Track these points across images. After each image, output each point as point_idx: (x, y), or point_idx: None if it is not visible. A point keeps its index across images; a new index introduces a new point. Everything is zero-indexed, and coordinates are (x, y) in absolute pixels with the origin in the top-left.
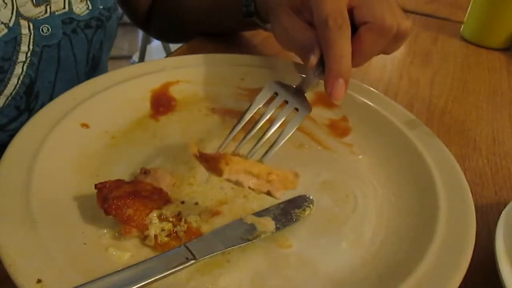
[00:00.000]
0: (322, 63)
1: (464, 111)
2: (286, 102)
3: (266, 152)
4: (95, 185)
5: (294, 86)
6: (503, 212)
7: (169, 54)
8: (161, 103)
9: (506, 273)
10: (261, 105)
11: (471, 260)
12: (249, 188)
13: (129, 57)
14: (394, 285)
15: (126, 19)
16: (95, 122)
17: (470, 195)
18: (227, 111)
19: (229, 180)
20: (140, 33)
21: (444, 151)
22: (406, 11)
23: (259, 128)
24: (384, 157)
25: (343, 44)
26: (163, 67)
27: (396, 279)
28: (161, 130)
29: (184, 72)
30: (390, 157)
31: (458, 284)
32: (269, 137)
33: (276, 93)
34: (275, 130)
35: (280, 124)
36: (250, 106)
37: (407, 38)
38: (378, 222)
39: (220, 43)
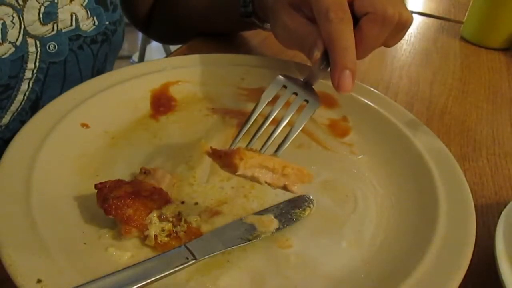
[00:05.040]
0: (326, 57)
1: (464, 111)
2: (296, 94)
3: (280, 145)
4: (95, 185)
5: (302, 79)
6: (503, 212)
7: (169, 54)
8: (161, 103)
9: (506, 273)
10: (270, 99)
11: (471, 260)
12: (265, 183)
13: (129, 57)
14: (394, 285)
15: (125, 19)
16: (95, 122)
17: (470, 195)
18: (227, 111)
19: (244, 176)
20: (140, 33)
21: (444, 151)
22: None
23: (266, 121)
24: (384, 157)
25: (346, 37)
26: (163, 67)
27: (396, 279)
28: (161, 130)
29: (184, 72)
30: (390, 157)
31: (458, 284)
32: (278, 131)
33: (285, 86)
34: (284, 124)
35: (291, 117)
36: (259, 100)
37: (408, 28)
38: (378, 222)
39: (220, 43)
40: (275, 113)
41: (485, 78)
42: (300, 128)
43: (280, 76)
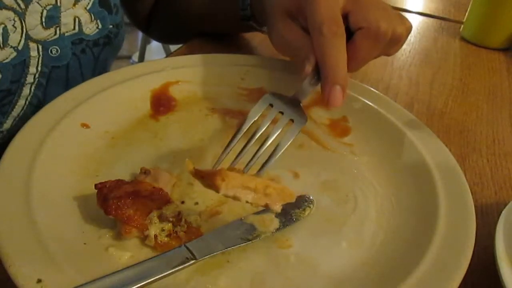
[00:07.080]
0: (317, 71)
1: (464, 111)
2: (282, 113)
3: (262, 165)
4: (95, 185)
5: (290, 96)
6: (503, 212)
7: (169, 54)
8: (161, 103)
9: (506, 273)
10: (256, 117)
11: (471, 260)
12: (247, 202)
13: (129, 57)
14: (394, 285)
15: (125, 19)
16: (95, 122)
17: (470, 195)
18: (227, 111)
19: (226, 196)
20: (140, 33)
21: (444, 151)
22: (406, 10)
23: (251, 140)
24: (384, 157)
25: (338, 52)
26: (163, 67)
27: (396, 279)
28: (161, 130)
29: (184, 72)
30: (390, 157)
31: (458, 284)
32: (264, 150)
33: (271, 105)
34: (270, 142)
35: (276, 136)
36: (245, 119)
37: (403, 42)
38: (378, 222)
39: (220, 43)
40: (260, 133)
41: (485, 78)
42: (284, 149)
43: (267, 94)
